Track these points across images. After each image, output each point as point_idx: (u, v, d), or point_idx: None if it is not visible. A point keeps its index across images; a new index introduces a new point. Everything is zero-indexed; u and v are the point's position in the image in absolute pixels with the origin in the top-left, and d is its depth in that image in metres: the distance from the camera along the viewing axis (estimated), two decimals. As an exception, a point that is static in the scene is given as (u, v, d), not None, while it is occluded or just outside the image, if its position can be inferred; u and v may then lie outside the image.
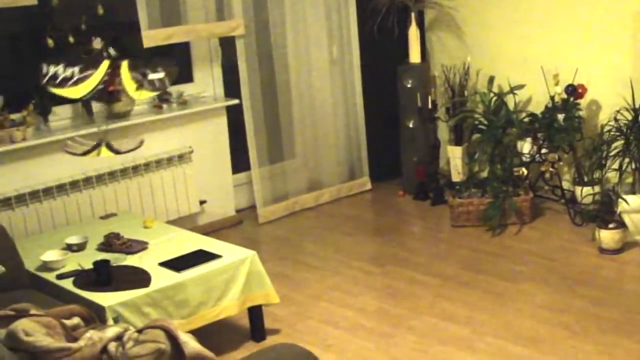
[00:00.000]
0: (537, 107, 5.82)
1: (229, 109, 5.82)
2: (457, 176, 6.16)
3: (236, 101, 5.78)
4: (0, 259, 3.84)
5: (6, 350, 2.80)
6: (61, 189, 4.99)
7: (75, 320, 3.20)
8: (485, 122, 5.86)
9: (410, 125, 6.30)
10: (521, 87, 5.82)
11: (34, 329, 2.93)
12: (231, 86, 5.87)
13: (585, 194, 5.55)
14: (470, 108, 6.13)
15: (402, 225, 5.90)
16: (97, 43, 5.07)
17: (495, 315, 4.37)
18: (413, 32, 6.27)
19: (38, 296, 3.74)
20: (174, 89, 5.61)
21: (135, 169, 5.30)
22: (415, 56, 6.30)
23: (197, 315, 3.90)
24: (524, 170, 5.68)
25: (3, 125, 4.77)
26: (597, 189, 5.50)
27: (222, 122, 5.79)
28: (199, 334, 3.11)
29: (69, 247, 4.26)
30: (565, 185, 5.81)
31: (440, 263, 5.12)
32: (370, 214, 6.25)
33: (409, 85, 6.25)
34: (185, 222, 5.40)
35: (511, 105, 5.82)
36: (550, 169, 5.66)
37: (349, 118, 6.43)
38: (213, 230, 5.57)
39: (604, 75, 5.60)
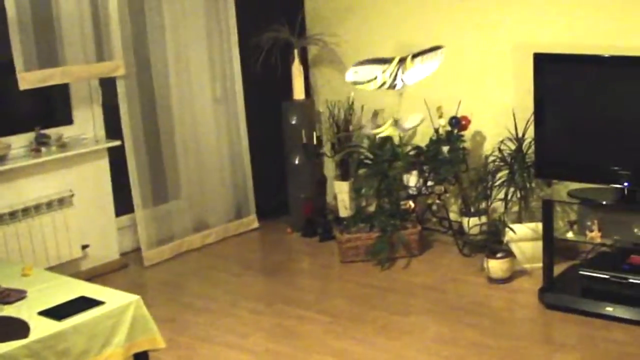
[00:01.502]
0: (422, 139, 5.90)
1: (111, 150, 5.70)
2: (344, 211, 6.19)
3: (118, 142, 5.66)
4: None
5: None
6: None
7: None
8: (371, 157, 5.91)
9: (296, 162, 6.30)
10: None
11: None
12: (112, 126, 5.75)
13: (472, 224, 5.63)
14: (355, 143, 6.17)
15: (291, 262, 5.86)
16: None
17: (387, 351, 4.36)
18: (297, 69, 6.31)
19: None
20: (53, 132, 5.45)
21: (13, 214, 5.11)
22: (299, 92, 6.33)
23: None
24: (411, 204, 5.74)
25: None
26: (483, 219, 5.61)
27: (103, 164, 5.67)
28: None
29: (-60, 299, 4.06)
30: (453, 216, 5.89)
31: (330, 300, 5.10)
32: (259, 253, 6.20)
33: (293, 122, 6.26)
34: (67, 268, 5.24)
35: (396, 139, 5.88)
36: (437, 201, 5.76)
37: (234, 156, 6.38)
38: (97, 275, 5.42)
39: (487, 106, 5.72)
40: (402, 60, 5.31)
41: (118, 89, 5.61)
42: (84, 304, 3.95)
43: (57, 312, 3.86)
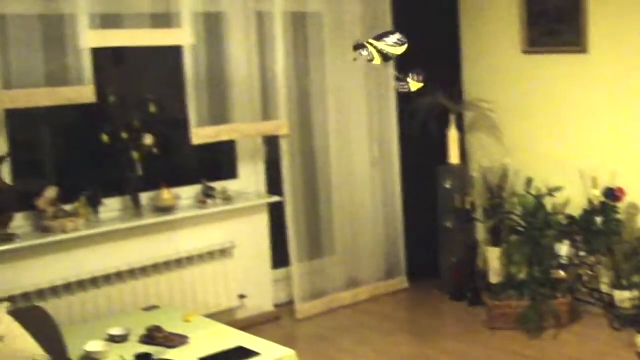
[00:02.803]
0: (575, 209, 5.84)
1: (271, 205, 5.94)
2: (494, 277, 6.15)
3: (278, 198, 5.90)
4: (46, 347, 3.92)
5: None
6: (106, 279, 5.11)
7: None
8: (523, 224, 5.89)
9: (449, 226, 6.36)
10: (559, 189, 5.84)
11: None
12: (274, 183, 6.00)
13: (624, 297, 5.52)
14: (508, 209, 6.15)
15: (439, 325, 5.89)
16: (148, 139, 5.26)
17: None
18: (452, 134, 6.40)
19: (80, 387, 3.81)
20: (218, 185, 5.75)
21: (178, 262, 5.41)
22: (454, 157, 6.41)
23: None
24: (562, 273, 5.68)
25: (56, 215, 4.92)
26: (636, 292, 5.48)
27: (263, 218, 5.91)
28: None
29: (112, 338, 4.33)
30: (604, 288, 5.78)
31: (478, 366, 5.09)
32: (407, 314, 6.26)
33: (447, 186, 6.34)
34: (223, 316, 5.45)
35: (549, 207, 5.86)
36: (589, 272, 5.66)
37: (387, 217, 6.51)
38: (251, 325, 5.58)
39: (643, 178, 5.64)
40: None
41: (281, 147, 5.87)
42: (242, 354, 4.11)
43: (217, 360, 4.03)
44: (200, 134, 5.45)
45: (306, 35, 6.02)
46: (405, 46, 4.75)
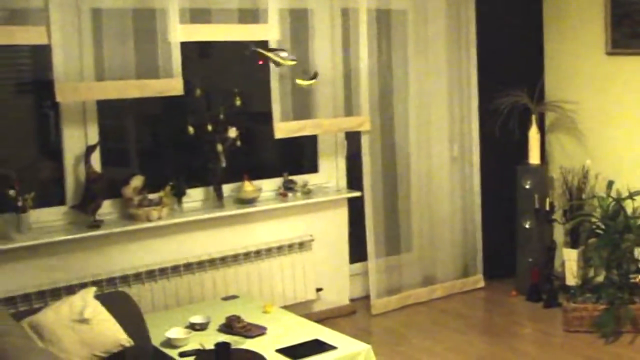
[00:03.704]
0: (657, 214, 5.77)
1: (350, 200, 6.00)
2: (571, 279, 6.11)
3: (358, 194, 5.96)
4: (129, 331, 4.04)
5: None
6: (188, 268, 5.23)
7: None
8: (603, 227, 5.84)
9: (527, 226, 6.34)
10: (640, 192, 5.78)
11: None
12: (353, 178, 6.06)
13: None
14: (587, 211, 6.12)
15: (514, 326, 5.87)
16: (232, 132, 5.36)
17: None
18: (533, 134, 6.36)
19: (161, 372, 3.92)
20: (299, 178, 5.83)
21: (258, 253, 5.51)
22: (534, 157, 6.38)
23: None
24: (641, 278, 5.61)
25: (141, 204, 5.06)
26: None
27: (343, 213, 5.97)
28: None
29: (192, 326, 4.43)
30: (685, 295, 5.70)
31: (552, 369, 5.06)
32: (482, 313, 6.27)
33: (527, 186, 6.32)
34: (300, 308, 5.53)
35: (629, 211, 5.79)
36: (669, 278, 5.59)
37: (466, 215, 6.52)
38: (326, 318, 5.67)
39: None
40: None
41: (362, 143, 5.91)
42: (318, 347, 4.16)
43: (294, 352, 4.09)
44: (284, 128, 5.53)
45: (390, 33, 6.04)
46: (295, 62, 5.10)
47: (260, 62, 5.09)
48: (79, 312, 3.99)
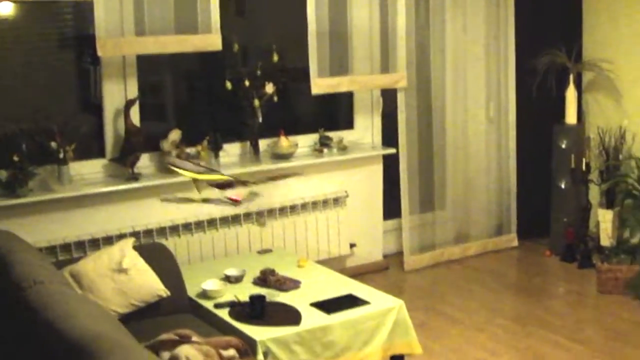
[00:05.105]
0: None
1: (385, 157, 6.02)
2: (606, 240, 6.08)
3: (393, 150, 5.97)
4: (166, 282, 4.12)
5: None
6: (224, 221, 5.29)
7: (231, 351, 3.41)
8: (639, 188, 5.80)
9: (562, 186, 6.32)
10: (678, 154, 5.74)
11: (195, 356, 3.16)
12: (389, 135, 6.07)
13: None
14: (624, 172, 6.08)
15: (548, 285, 5.89)
16: (269, 88, 5.39)
17: None
18: (571, 93, 6.31)
19: (196, 322, 3.95)
20: (335, 134, 5.85)
21: (293, 208, 5.56)
22: (571, 117, 6.34)
23: (341, 358, 3.97)
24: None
25: (179, 157, 5.09)
26: None
27: (377, 170, 5.99)
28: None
29: (227, 278, 4.49)
30: None
31: (585, 330, 5.05)
32: (515, 272, 6.28)
33: (563, 146, 6.29)
34: (333, 263, 5.56)
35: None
36: None
37: (501, 174, 6.51)
38: (360, 273, 5.71)
39: None
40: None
41: (398, 100, 5.91)
42: (352, 301, 4.20)
43: (327, 306, 4.13)
44: (320, 84, 5.55)
45: (428, -10, 6.02)
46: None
47: None
48: (118, 262, 4.08)
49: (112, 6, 4.75)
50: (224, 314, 4.07)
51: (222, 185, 4.34)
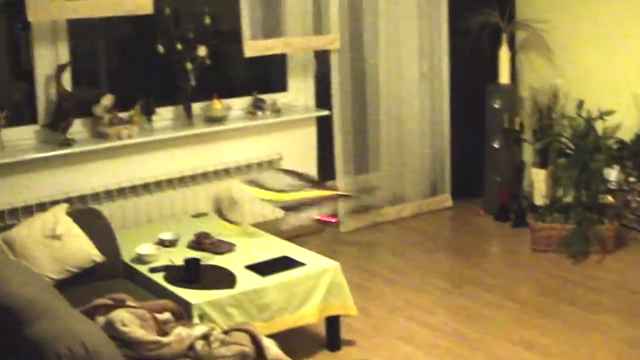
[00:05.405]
0: (627, 134, 5.80)
1: (319, 119, 5.99)
2: (540, 199, 6.16)
3: (327, 112, 5.95)
4: (100, 247, 4.11)
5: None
6: (158, 185, 5.24)
7: (166, 315, 3.40)
8: (572, 147, 5.85)
9: (496, 146, 6.37)
10: (611, 113, 5.78)
11: (130, 320, 3.14)
12: (321, 97, 6.03)
13: (672, 224, 5.48)
14: (557, 131, 6.13)
15: (482, 245, 5.96)
16: (201, 51, 5.31)
17: (575, 347, 4.28)
18: (504, 53, 6.35)
19: (132, 287, 3.94)
20: (268, 97, 5.81)
21: (227, 171, 5.51)
22: (504, 77, 6.37)
23: (277, 320, 4.00)
24: (610, 198, 5.65)
25: (112, 122, 5.03)
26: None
27: (311, 132, 5.96)
28: (276, 338, 3.25)
29: (162, 242, 4.47)
30: (652, 215, 5.74)
31: (518, 287, 5.12)
32: (450, 232, 6.34)
33: (496, 106, 6.32)
34: (268, 226, 5.47)
35: (600, 131, 5.80)
36: (637, 199, 5.62)
37: (434, 134, 6.53)
38: (295, 236, 5.64)
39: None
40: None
41: (331, 62, 5.89)
42: (287, 263, 4.21)
43: (262, 268, 4.13)
44: (253, 47, 5.50)
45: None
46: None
47: None
48: (51, 229, 4.04)
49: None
50: (159, 278, 4.06)
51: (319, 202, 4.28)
